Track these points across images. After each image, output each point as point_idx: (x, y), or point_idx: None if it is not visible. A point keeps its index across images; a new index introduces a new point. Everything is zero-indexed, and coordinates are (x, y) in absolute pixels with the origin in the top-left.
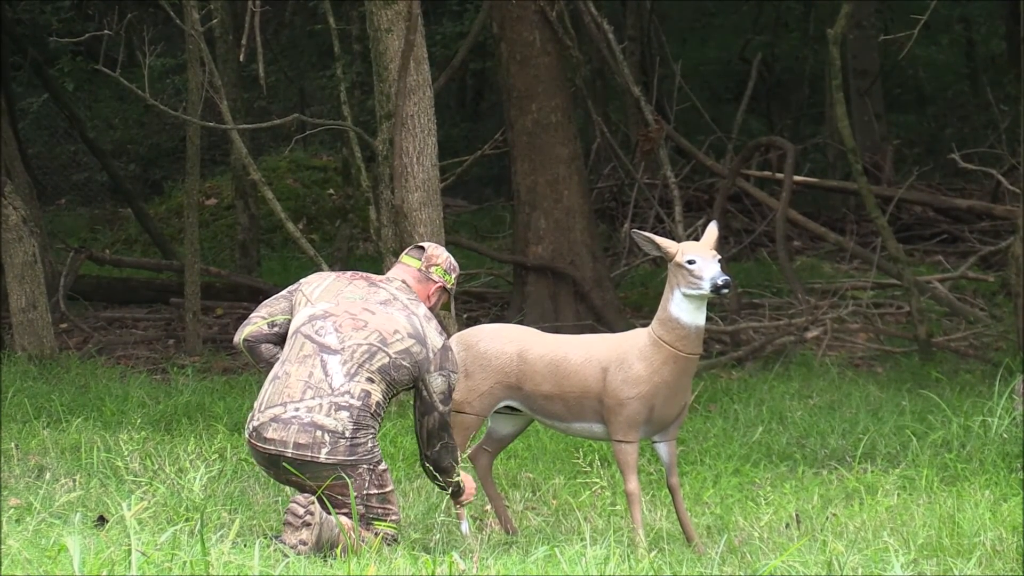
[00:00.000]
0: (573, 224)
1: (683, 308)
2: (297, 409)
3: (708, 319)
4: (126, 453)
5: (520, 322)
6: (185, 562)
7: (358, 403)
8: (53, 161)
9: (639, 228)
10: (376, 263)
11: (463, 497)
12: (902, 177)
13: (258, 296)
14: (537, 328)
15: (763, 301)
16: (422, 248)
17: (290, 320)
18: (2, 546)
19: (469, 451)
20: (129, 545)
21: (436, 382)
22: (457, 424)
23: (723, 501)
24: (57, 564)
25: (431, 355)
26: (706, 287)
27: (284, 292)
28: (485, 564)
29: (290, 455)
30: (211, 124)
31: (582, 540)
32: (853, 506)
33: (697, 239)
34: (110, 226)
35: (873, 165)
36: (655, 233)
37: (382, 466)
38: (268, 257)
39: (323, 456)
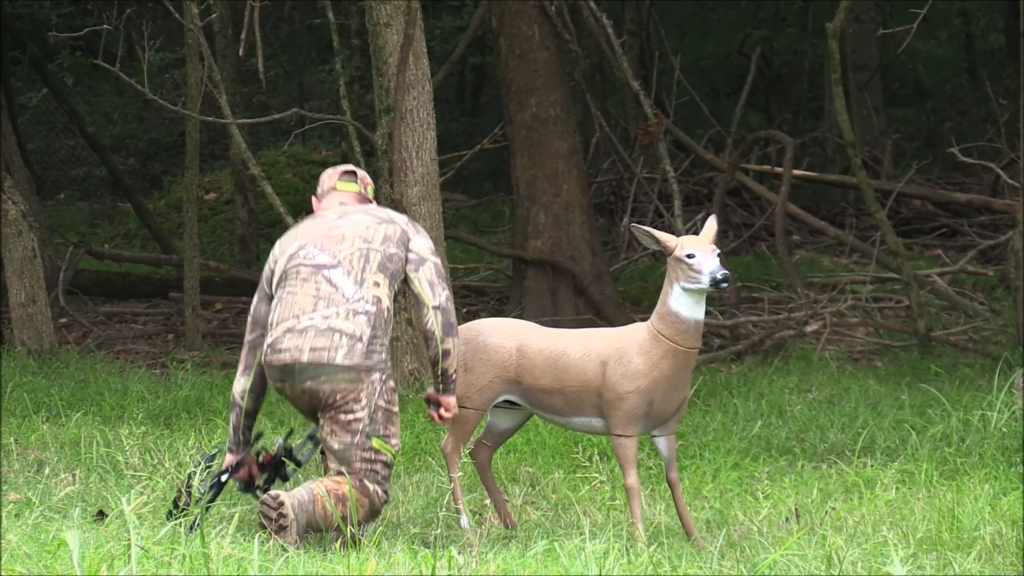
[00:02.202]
0: (572, 218)
1: (682, 302)
2: (312, 319)
3: (707, 313)
4: (126, 448)
5: (519, 316)
6: (185, 557)
7: (373, 309)
8: (52, 156)
9: (638, 222)
10: None
11: (446, 403)
12: (901, 171)
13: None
14: (536, 322)
15: (762, 295)
16: (353, 173)
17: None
18: (1, 541)
19: (471, 447)
20: (129, 540)
21: (419, 243)
22: (456, 419)
23: (722, 495)
24: (56, 559)
25: (403, 225)
26: (705, 281)
27: (255, 300)
28: (484, 558)
29: (306, 359)
30: (210, 119)
31: (581, 534)
32: (852, 500)
33: (696, 233)
34: (109, 221)
35: (872, 159)
36: (654, 227)
37: (391, 382)
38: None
39: (339, 358)
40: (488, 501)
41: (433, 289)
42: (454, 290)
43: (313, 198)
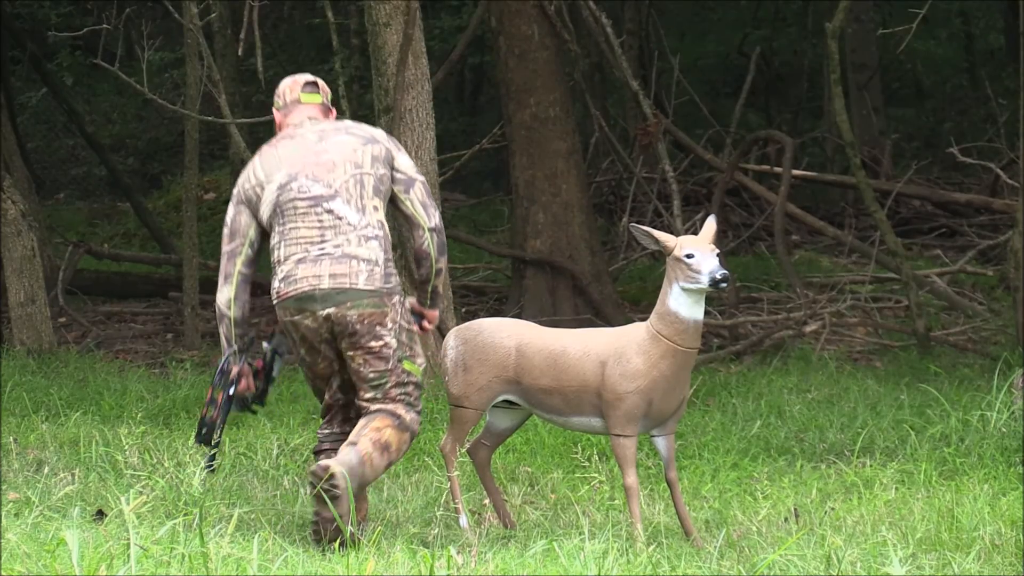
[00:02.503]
0: (571, 218)
1: (682, 302)
2: (323, 249)
3: (706, 313)
4: (125, 447)
5: (518, 316)
6: (184, 556)
7: (380, 233)
8: (52, 155)
9: (637, 222)
10: None
11: (431, 316)
12: (900, 171)
13: (255, 291)
14: (535, 322)
15: (761, 295)
16: (315, 83)
17: (256, 225)
18: (1, 540)
19: (467, 445)
20: (128, 539)
21: (403, 161)
22: (456, 418)
23: (721, 495)
24: (56, 558)
25: (387, 143)
26: (704, 281)
27: (230, 214)
28: (483, 558)
29: (326, 285)
30: (210, 118)
31: (580, 534)
32: (852, 500)
33: (696, 233)
34: (109, 220)
35: (872, 159)
36: (653, 227)
37: (407, 301)
38: (267, 251)
39: (362, 283)
40: (487, 501)
41: (427, 211)
42: (453, 290)
43: (275, 111)
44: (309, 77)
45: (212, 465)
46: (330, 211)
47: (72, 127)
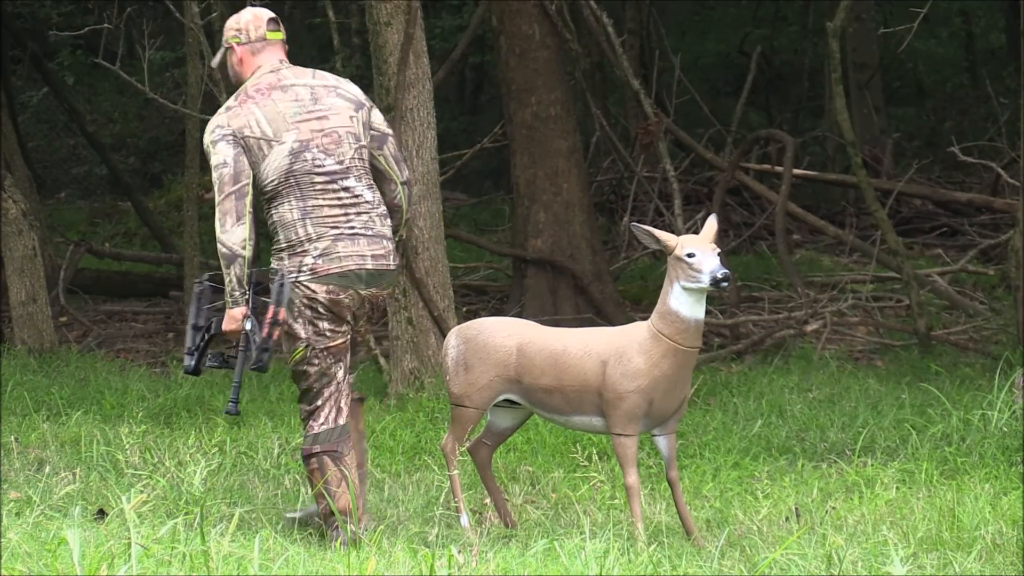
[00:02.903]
0: (572, 217)
1: (682, 301)
2: (352, 228)
3: (707, 312)
4: (126, 446)
5: (519, 315)
6: (185, 555)
7: (384, 208)
8: (53, 155)
9: (638, 221)
10: None
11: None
12: (901, 170)
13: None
14: (536, 321)
15: (762, 294)
16: (276, 20)
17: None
18: (2, 539)
19: (468, 444)
20: (129, 538)
21: (377, 116)
22: (456, 418)
23: (722, 494)
24: (57, 557)
25: (367, 103)
26: (705, 280)
27: (227, 153)
28: (484, 557)
29: (371, 266)
30: (210, 117)
31: (581, 533)
32: (853, 499)
33: (696, 232)
34: (110, 219)
35: (872, 158)
36: (654, 226)
37: None
38: (267, 250)
39: (392, 263)
40: (488, 500)
41: (399, 165)
42: (454, 289)
43: (236, 45)
44: (270, 12)
45: (235, 403)
46: (346, 188)
47: (73, 126)
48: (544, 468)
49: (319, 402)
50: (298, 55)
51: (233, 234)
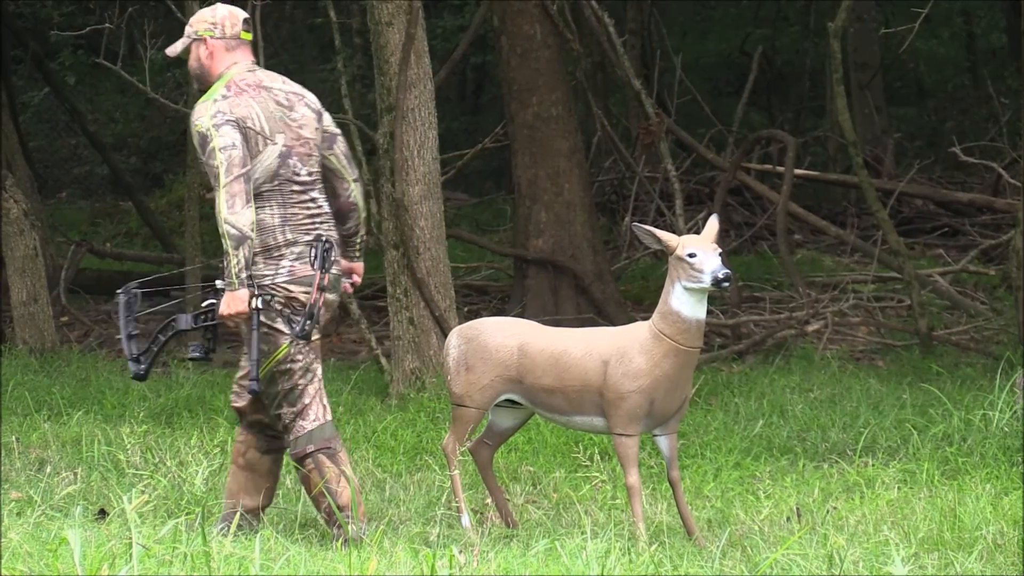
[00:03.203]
0: (574, 217)
1: (684, 301)
2: (320, 233)
3: (709, 312)
4: (127, 446)
5: (520, 315)
6: (186, 555)
7: None
8: (54, 155)
9: (640, 221)
10: (377, 256)
11: (359, 269)
12: (903, 170)
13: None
14: (538, 321)
15: (764, 294)
16: (249, 22)
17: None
18: (3, 539)
19: (469, 445)
20: (130, 538)
21: (327, 119)
22: (458, 418)
23: (724, 495)
24: (58, 557)
25: (322, 111)
26: (707, 280)
27: (234, 136)
28: (485, 557)
29: (334, 271)
30: None
31: (583, 533)
32: (854, 500)
33: (698, 232)
34: (111, 219)
35: (874, 158)
36: (656, 226)
37: None
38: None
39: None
40: (489, 500)
41: (350, 163)
42: (456, 289)
43: (208, 38)
44: (244, 12)
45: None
46: (313, 199)
47: (74, 126)
48: (545, 468)
49: (306, 400)
50: (299, 55)
51: (243, 216)
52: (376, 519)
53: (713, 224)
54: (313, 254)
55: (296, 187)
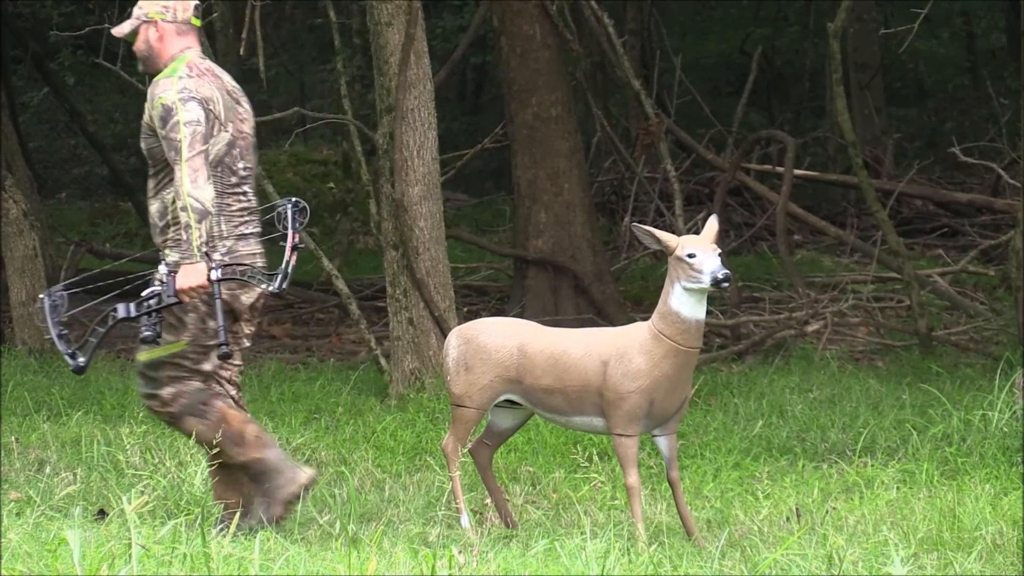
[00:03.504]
0: (573, 218)
1: (683, 302)
2: (248, 230)
3: (708, 313)
4: (127, 447)
5: (520, 316)
6: (186, 556)
7: None
8: (54, 155)
9: (639, 222)
10: (376, 257)
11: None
12: (902, 171)
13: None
14: (537, 322)
15: (763, 295)
16: (199, 6)
17: None
18: (2, 539)
19: (469, 445)
20: (129, 539)
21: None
22: (457, 418)
23: (723, 495)
24: (57, 558)
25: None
26: (706, 281)
27: (199, 112)
28: (485, 558)
29: (260, 266)
30: None
31: (582, 534)
32: (853, 500)
33: (697, 233)
34: (111, 220)
35: (873, 159)
36: (655, 227)
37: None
38: (268, 251)
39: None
40: (489, 500)
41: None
42: (456, 289)
43: (163, 23)
44: None
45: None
46: (245, 193)
47: (74, 126)
48: (545, 468)
49: (186, 391)
50: (298, 55)
51: (206, 191)
52: (375, 519)
53: (712, 224)
54: (284, 213)
55: (234, 179)
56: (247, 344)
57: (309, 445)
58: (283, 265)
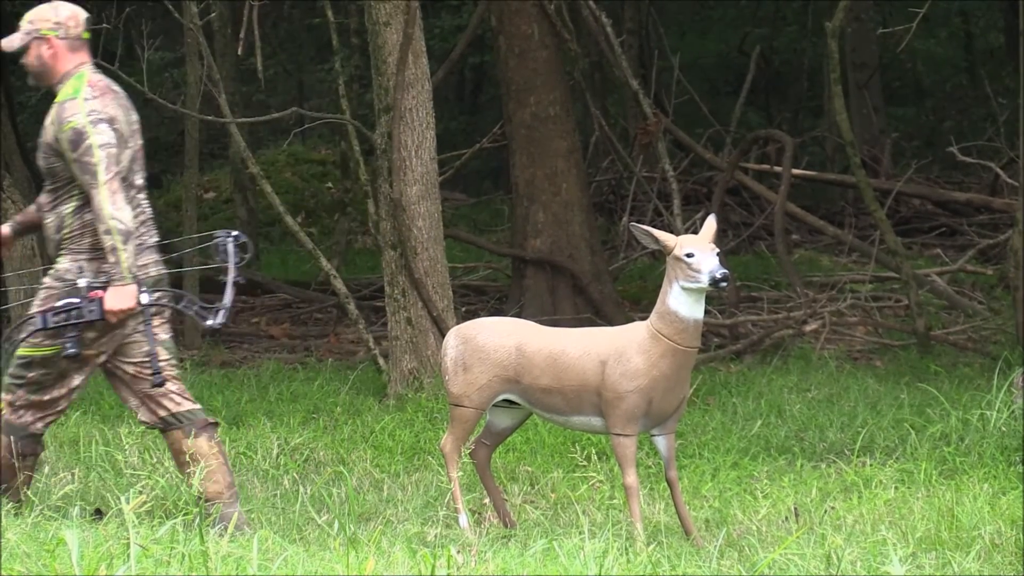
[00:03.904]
0: (571, 217)
1: (682, 301)
2: (147, 238)
3: (706, 312)
4: (125, 447)
5: (518, 315)
6: (184, 555)
7: None
8: None
9: (637, 221)
10: (375, 256)
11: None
12: (900, 170)
13: (256, 290)
14: (535, 321)
15: (761, 294)
16: (90, 19)
17: None
18: (1, 539)
19: (469, 446)
20: (128, 538)
21: None
22: (456, 418)
23: (721, 494)
24: (55, 557)
25: None
26: (705, 280)
27: (110, 134)
28: (483, 557)
29: (153, 274)
30: (210, 118)
31: (580, 533)
32: (851, 499)
33: (695, 232)
34: None
35: (871, 158)
36: (653, 226)
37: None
38: (267, 251)
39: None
40: (487, 500)
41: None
42: (454, 289)
43: (51, 37)
44: (85, 12)
45: None
46: (141, 204)
47: None
48: (543, 468)
49: (45, 398)
50: (296, 55)
51: (126, 211)
52: (374, 519)
53: (711, 224)
54: (223, 247)
55: (133, 191)
56: (103, 357)
57: (307, 445)
58: (224, 300)
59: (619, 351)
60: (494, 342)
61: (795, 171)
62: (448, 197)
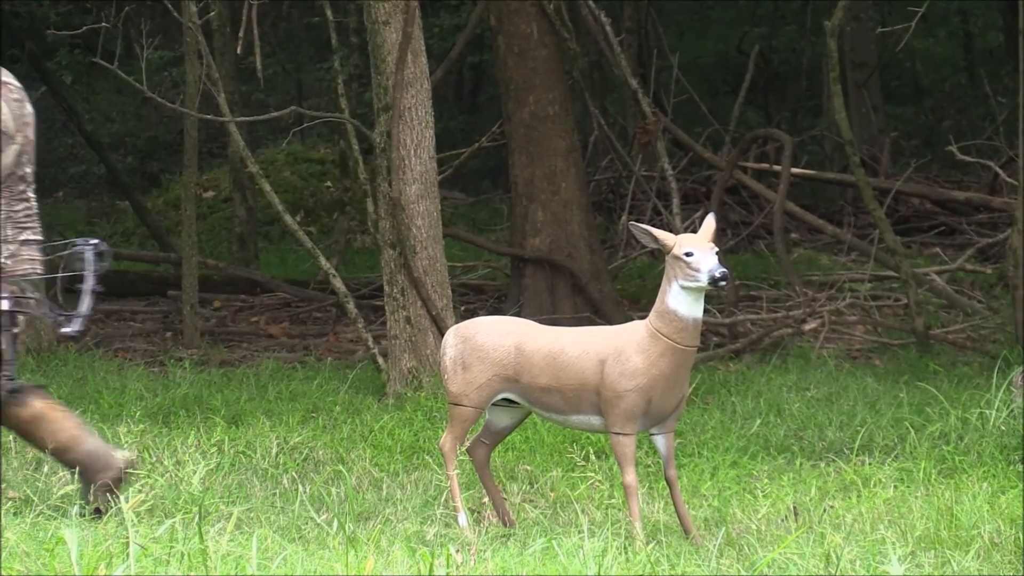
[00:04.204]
0: (571, 216)
1: (681, 300)
2: (31, 236)
3: (706, 311)
4: (124, 446)
5: (517, 314)
6: (183, 554)
7: None
8: (51, 154)
9: (636, 220)
10: (374, 256)
11: None
12: (899, 169)
13: (255, 289)
14: (535, 320)
15: (761, 293)
16: None
17: None
18: (1, 539)
19: (467, 444)
20: (127, 538)
21: None
22: (455, 417)
23: (721, 493)
24: (55, 557)
25: None
26: (704, 279)
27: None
28: (483, 557)
29: (40, 271)
30: (209, 117)
31: (580, 533)
32: (851, 498)
33: (695, 231)
34: (108, 219)
35: (871, 157)
36: (652, 225)
37: None
38: (266, 250)
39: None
40: (486, 499)
41: None
42: (453, 288)
43: None
44: None
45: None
46: (29, 198)
47: (71, 126)
48: (542, 467)
49: None
50: (295, 54)
51: None
52: (373, 518)
53: (710, 223)
54: (81, 254)
55: (21, 185)
56: None
57: (307, 444)
58: (81, 307)
59: (618, 350)
60: (493, 341)
61: (794, 170)
62: (447, 196)
